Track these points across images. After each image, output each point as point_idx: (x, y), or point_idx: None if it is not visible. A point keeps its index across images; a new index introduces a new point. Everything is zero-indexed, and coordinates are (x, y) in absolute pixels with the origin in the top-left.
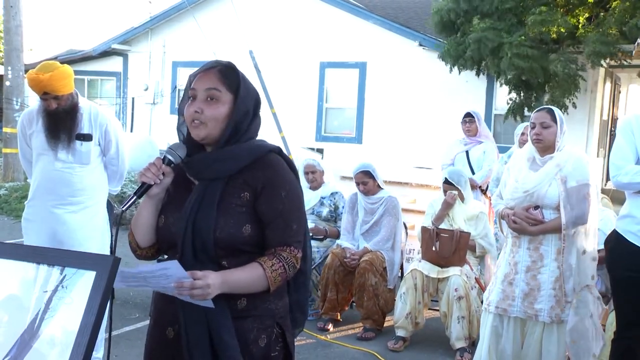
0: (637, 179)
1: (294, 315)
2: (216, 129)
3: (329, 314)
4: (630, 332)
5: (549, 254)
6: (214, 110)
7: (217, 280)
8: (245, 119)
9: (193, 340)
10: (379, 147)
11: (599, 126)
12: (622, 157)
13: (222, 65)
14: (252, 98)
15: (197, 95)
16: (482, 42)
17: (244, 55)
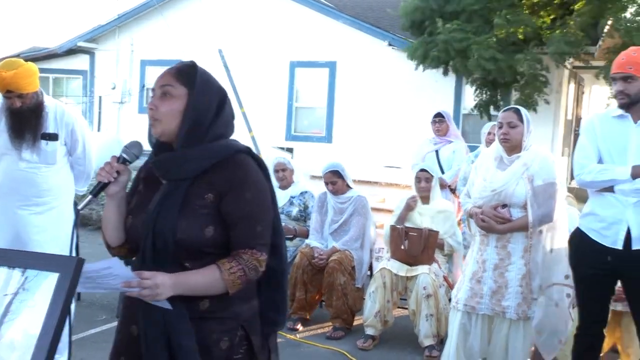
0: (599, 177)
1: (268, 315)
2: (171, 125)
3: (298, 314)
4: (592, 329)
5: (516, 252)
6: (167, 106)
7: (168, 281)
8: (206, 115)
9: (150, 340)
10: (348, 147)
11: (564, 126)
12: (585, 156)
13: (181, 64)
14: (214, 94)
15: (155, 93)
16: (450, 44)
17: (213, 54)
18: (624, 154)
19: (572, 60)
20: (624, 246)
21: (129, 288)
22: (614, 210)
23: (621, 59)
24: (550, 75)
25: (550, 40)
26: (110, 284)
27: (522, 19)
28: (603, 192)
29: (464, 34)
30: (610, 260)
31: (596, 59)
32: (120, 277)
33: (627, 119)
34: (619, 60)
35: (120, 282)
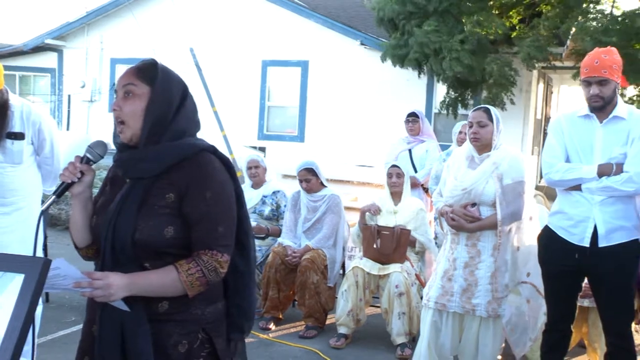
0: (567, 176)
1: (234, 319)
2: (137, 126)
3: (271, 313)
4: (560, 325)
5: (486, 250)
6: (130, 106)
7: (121, 282)
8: (168, 110)
9: (104, 342)
10: (321, 146)
11: (533, 125)
12: (553, 156)
13: (142, 62)
14: (175, 88)
15: (118, 94)
16: (426, 45)
17: (184, 52)
18: (590, 153)
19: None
20: (590, 244)
21: (80, 288)
22: (581, 208)
23: (594, 63)
24: (520, 75)
25: (521, 44)
26: (62, 284)
27: (492, 21)
28: (571, 190)
29: (438, 35)
30: (577, 257)
31: (564, 60)
32: (70, 277)
33: (593, 118)
34: (591, 63)
35: (70, 282)
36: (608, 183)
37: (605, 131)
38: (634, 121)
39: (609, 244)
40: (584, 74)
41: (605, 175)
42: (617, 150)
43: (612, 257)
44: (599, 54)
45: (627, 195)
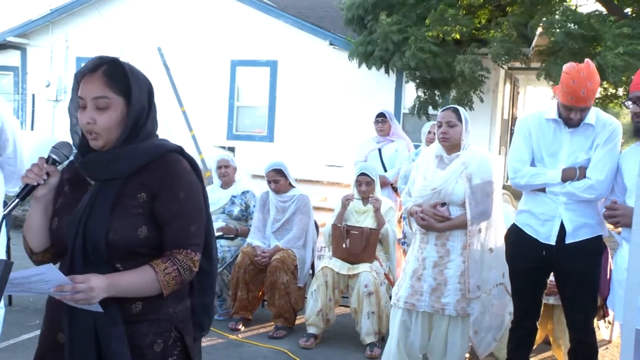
0: (532, 182)
1: (199, 319)
2: (112, 135)
3: (240, 314)
4: (526, 322)
5: (455, 250)
6: (106, 120)
7: (102, 284)
8: (142, 115)
9: (78, 348)
10: (290, 146)
11: (501, 125)
12: (519, 159)
13: (106, 65)
14: (145, 92)
15: (87, 104)
16: (389, 37)
17: (152, 52)
18: (556, 157)
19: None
20: (556, 241)
21: (61, 292)
22: (547, 207)
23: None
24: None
25: (490, 42)
26: (41, 288)
27: (458, 19)
28: (536, 191)
29: (400, 27)
30: (545, 254)
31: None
32: (53, 281)
33: (561, 124)
34: (577, 92)
35: (51, 286)
36: (571, 189)
37: (573, 137)
38: (601, 127)
39: (575, 240)
40: (569, 101)
41: (569, 180)
42: (582, 156)
43: (577, 253)
44: (584, 81)
45: (588, 200)
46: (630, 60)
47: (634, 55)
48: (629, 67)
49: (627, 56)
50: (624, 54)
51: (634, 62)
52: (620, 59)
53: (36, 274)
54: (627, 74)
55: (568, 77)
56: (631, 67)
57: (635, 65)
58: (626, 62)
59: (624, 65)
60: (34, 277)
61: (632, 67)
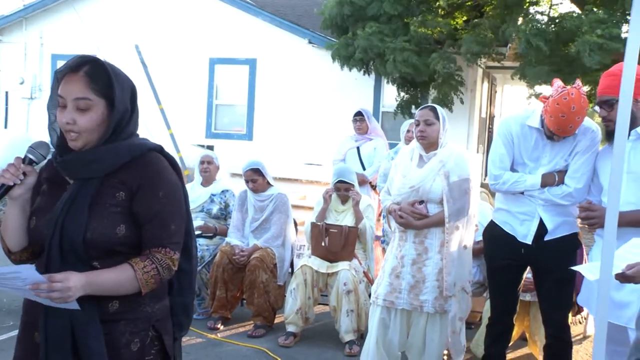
0: (513, 189)
1: (178, 318)
2: (93, 136)
3: (219, 313)
4: (503, 318)
5: (433, 247)
6: (86, 121)
7: (79, 282)
8: (125, 116)
9: (53, 347)
10: (269, 144)
11: (478, 123)
12: (500, 166)
13: (88, 65)
14: (128, 93)
15: (67, 104)
16: (369, 48)
17: (129, 49)
18: (537, 162)
19: (485, 60)
20: (534, 239)
21: (37, 290)
22: (525, 207)
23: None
24: (465, 74)
25: (463, 41)
26: (17, 285)
27: (437, 22)
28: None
29: (381, 36)
30: (523, 252)
31: (507, 59)
32: (29, 280)
33: (543, 133)
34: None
35: (28, 284)
36: (549, 196)
37: (554, 145)
38: (582, 134)
39: (553, 237)
40: (556, 131)
41: (548, 186)
42: (562, 162)
43: (556, 250)
44: (573, 116)
45: (565, 206)
46: (608, 42)
47: (610, 39)
48: (605, 48)
49: (603, 38)
50: (600, 36)
51: (610, 43)
52: (598, 40)
53: (12, 272)
54: (605, 59)
55: (558, 109)
56: (607, 48)
57: (610, 45)
58: (603, 43)
59: (600, 45)
60: (10, 274)
61: (608, 47)
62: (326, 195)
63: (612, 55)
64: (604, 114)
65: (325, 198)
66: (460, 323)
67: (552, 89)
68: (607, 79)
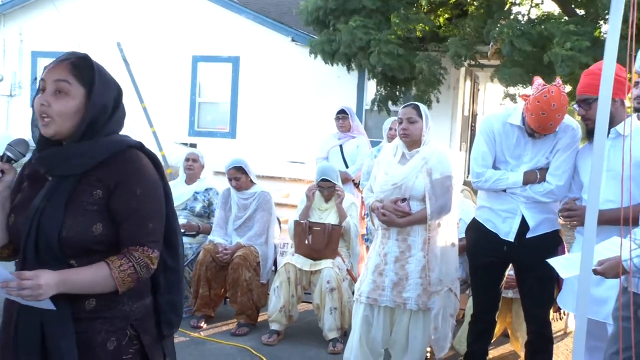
0: (495, 187)
1: (167, 317)
2: (65, 125)
3: (202, 311)
4: (486, 315)
5: (416, 245)
6: (62, 105)
7: (52, 280)
8: (104, 114)
9: (23, 346)
10: (253, 142)
11: (461, 122)
12: (483, 164)
13: (76, 57)
14: (111, 91)
15: (46, 87)
16: (353, 41)
17: (111, 47)
18: (519, 160)
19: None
20: (516, 237)
21: (7, 288)
22: (508, 205)
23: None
24: (448, 73)
25: (449, 43)
26: None
27: (419, 18)
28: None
29: (366, 30)
30: (506, 249)
31: (490, 58)
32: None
33: (525, 131)
34: (545, 124)
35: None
36: (531, 193)
37: (536, 142)
38: (562, 132)
39: (535, 235)
40: (537, 128)
41: (530, 184)
42: (543, 160)
43: (537, 246)
44: (554, 114)
45: (547, 204)
46: (577, 54)
47: (580, 51)
48: (575, 59)
49: (574, 51)
50: (571, 49)
51: (579, 55)
52: (568, 53)
53: None
54: (575, 69)
55: (539, 107)
56: (576, 60)
57: (579, 58)
58: (573, 55)
59: (571, 57)
60: None
61: (577, 59)
62: (309, 193)
63: (581, 67)
64: (583, 113)
65: (309, 196)
66: (452, 320)
67: (533, 87)
68: (586, 78)
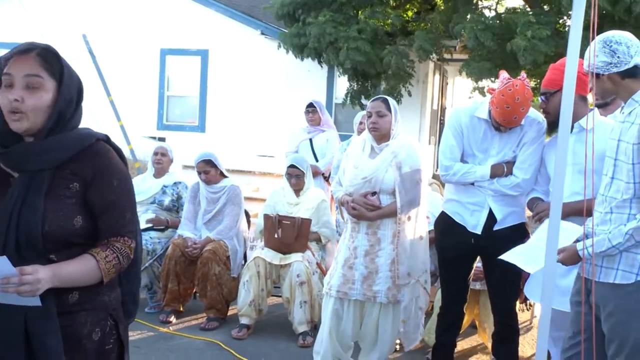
0: (463, 180)
1: (127, 306)
2: (39, 120)
3: (171, 306)
4: (454, 307)
5: (385, 238)
6: (36, 100)
7: (47, 275)
8: (70, 107)
9: (5, 345)
10: (222, 136)
11: (430, 115)
12: (450, 157)
13: (40, 49)
14: (75, 85)
15: (15, 82)
16: (322, 36)
17: (76, 39)
18: (486, 153)
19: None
20: (483, 229)
21: (6, 285)
22: (475, 198)
23: (512, 118)
24: (417, 67)
25: (415, 37)
26: None
27: (388, 13)
28: None
29: (334, 25)
30: (473, 241)
31: (457, 52)
32: (1, 274)
33: (490, 123)
34: (509, 118)
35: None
36: (498, 186)
37: (502, 135)
38: (528, 125)
39: (502, 227)
40: (501, 121)
41: (497, 177)
42: (510, 153)
43: (504, 239)
44: (518, 107)
45: (513, 196)
46: (538, 43)
47: (540, 39)
48: (536, 48)
49: (535, 39)
50: (532, 37)
51: (540, 44)
52: (529, 43)
53: None
54: (536, 58)
55: (503, 100)
56: (537, 49)
57: (540, 47)
58: (534, 44)
59: (532, 46)
60: None
61: (538, 48)
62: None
63: (542, 56)
64: (543, 106)
65: None
66: (421, 312)
67: (499, 80)
68: (549, 73)
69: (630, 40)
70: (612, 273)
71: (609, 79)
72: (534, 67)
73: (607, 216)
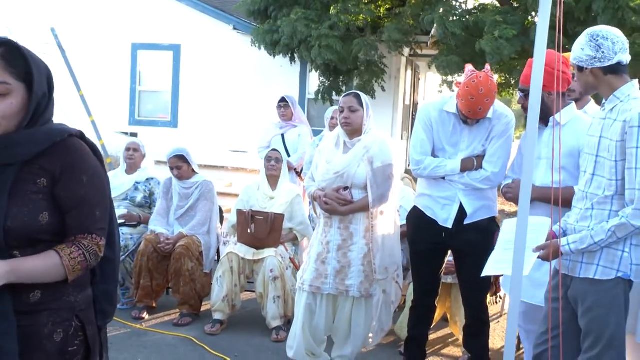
0: (434, 173)
1: (102, 306)
2: (13, 123)
3: (144, 302)
4: (425, 301)
5: (358, 232)
6: (6, 107)
7: (2, 270)
8: (43, 101)
9: None
10: (195, 131)
11: (402, 110)
12: (421, 151)
13: (2, 48)
14: (44, 77)
15: None
16: (295, 33)
17: (44, 32)
18: (456, 147)
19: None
20: (454, 223)
21: None
22: (446, 192)
23: (477, 109)
24: (389, 62)
25: (386, 28)
26: None
27: (360, 9)
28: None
29: (306, 22)
30: (444, 235)
31: (428, 48)
32: None
33: (459, 117)
34: (474, 109)
35: None
36: (468, 180)
37: (472, 129)
38: (497, 120)
39: (472, 221)
40: (467, 113)
41: (468, 171)
42: (479, 147)
43: (474, 233)
44: (482, 98)
45: (484, 190)
46: (504, 43)
47: (507, 40)
48: (502, 48)
49: (502, 40)
50: (499, 37)
51: (506, 44)
52: (496, 43)
53: None
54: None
55: (467, 92)
56: (502, 49)
57: (505, 49)
58: (500, 44)
59: (497, 46)
60: None
61: (503, 47)
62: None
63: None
64: (522, 102)
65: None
66: (393, 306)
67: (464, 74)
68: (526, 70)
69: (617, 37)
70: (592, 269)
71: (591, 73)
72: (500, 65)
73: (587, 212)
